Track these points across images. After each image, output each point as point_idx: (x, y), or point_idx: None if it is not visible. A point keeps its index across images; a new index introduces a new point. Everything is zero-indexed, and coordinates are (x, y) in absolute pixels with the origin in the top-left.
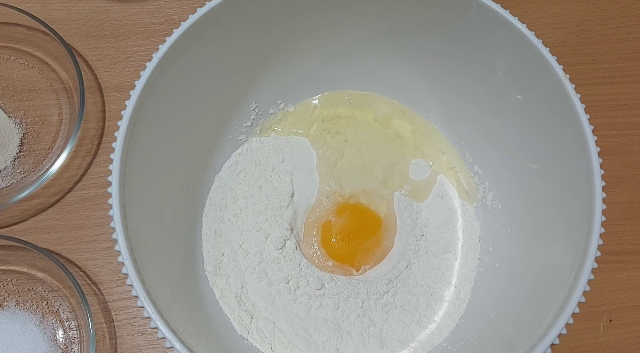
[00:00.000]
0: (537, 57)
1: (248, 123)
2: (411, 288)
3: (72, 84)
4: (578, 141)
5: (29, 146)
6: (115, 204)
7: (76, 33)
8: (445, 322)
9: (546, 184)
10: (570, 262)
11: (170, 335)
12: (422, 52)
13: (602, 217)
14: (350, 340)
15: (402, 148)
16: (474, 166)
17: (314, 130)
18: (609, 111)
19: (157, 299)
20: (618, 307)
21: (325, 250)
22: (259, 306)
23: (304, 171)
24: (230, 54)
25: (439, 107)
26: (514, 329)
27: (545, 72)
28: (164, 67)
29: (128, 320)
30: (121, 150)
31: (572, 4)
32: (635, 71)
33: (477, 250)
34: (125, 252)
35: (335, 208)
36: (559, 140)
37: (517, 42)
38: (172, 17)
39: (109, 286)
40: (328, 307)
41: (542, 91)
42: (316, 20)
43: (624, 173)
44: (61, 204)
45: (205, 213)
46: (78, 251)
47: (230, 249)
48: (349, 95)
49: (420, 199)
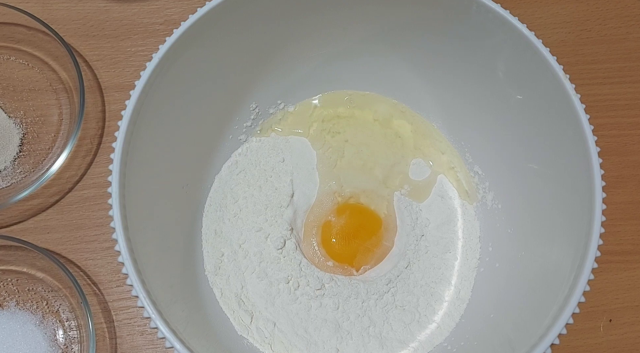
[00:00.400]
0: (537, 57)
1: (248, 123)
2: (411, 288)
3: (72, 84)
4: (578, 141)
5: (29, 146)
6: (115, 205)
7: (76, 33)
8: (445, 322)
9: (546, 184)
10: (570, 262)
11: (170, 335)
12: (422, 52)
13: (602, 217)
14: (350, 340)
15: (402, 148)
16: (474, 166)
17: (314, 130)
18: (609, 111)
19: (157, 299)
20: (618, 307)
21: (325, 250)
22: (259, 306)
23: (304, 171)
24: (230, 54)
25: (439, 107)
26: (514, 329)
27: (545, 72)
28: (164, 67)
29: (128, 320)
30: (121, 150)
31: (572, 4)
32: (635, 71)
33: (477, 250)
34: (125, 252)
35: (335, 208)
36: (559, 140)
37: (517, 42)
38: (172, 17)
39: (109, 286)
40: (328, 307)
41: (542, 91)
42: (316, 20)
43: (624, 173)
44: (61, 205)
45: (205, 213)
46: (78, 251)
47: (230, 249)
48: (349, 95)
49: (420, 199)
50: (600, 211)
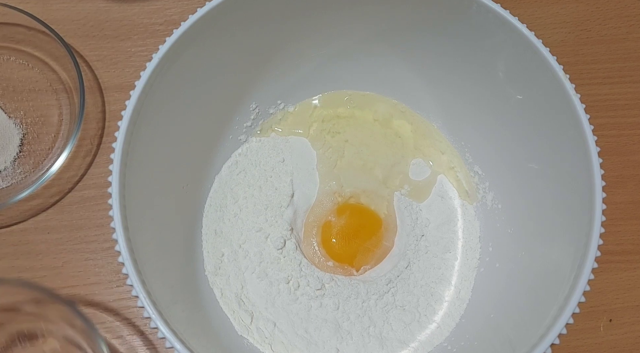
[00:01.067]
0: (537, 57)
1: (248, 123)
2: (411, 288)
3: (72, 85)
4: (578, 140)
5: (29, 146)
6: (116, 205)
7: (76, 33)
8: (446, 322)
9: (546, 184)
10: (571, 262)
11: (171, 336)
12: (422, 52)
13: (602, 217)
14: (350, 340)
15: (402, 148)
16: (474, 166)
17: (314, 130)
18: (609, 111)
19: (157, 299)
20: (618, 307)
21: (325, 250)
22: (259, 306)
23: (304, 171)
24: (230, 54)
25: (439, 107)
26: (514, 329)
27: (545, 72)
28: (164, 68)
29: (128, 320)
30: (121, 150)
31: (572, 4)
32: (635, 70)
33: (477, 250)
34: (125, 252)
35: (335, 208)
36: (559, 140)
37: (517, 42)
38: (172, 18)
39: (109, 286)
40: (328, 307)
41: (542, 91)
42: (316, 20)
43: (624, 173)
44: (61, 205)
45: (206, 213)
46: (78, 251)
47: (230, 249)
48: (349, 95)
49: (420, 199)
50: (601, 211)
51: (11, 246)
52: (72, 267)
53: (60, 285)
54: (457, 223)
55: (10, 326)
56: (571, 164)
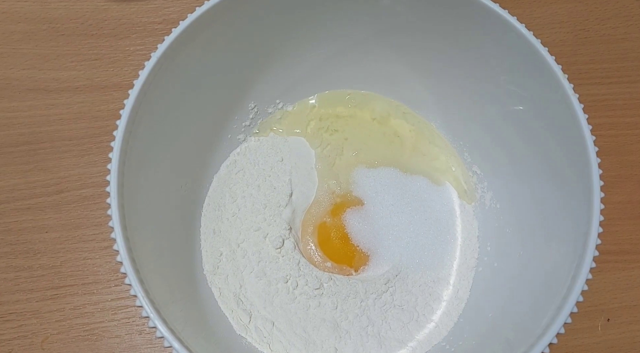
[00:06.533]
0: (535, 57)
1: (247, 123)
2: (409, 287)
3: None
4: (576, 140)
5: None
6: (114, 204)
7: (75, 32)
8: (444, 322)
9: (544, 183)
10: (569, 262)
11: (169, 335)
12: (421, 51)
13: (600, 217)
14: (348, 340)
15: (400, 147)
16: (472, 165)
17: (312, 129)
18: (607, 111)
19: (156, 298)
20: (616, 307)
21: (324, 249)
22: (257, 305)
23: (302, 170)
24: (229, 53)
25: (438, 107)
26: (513, 328)
27: (544, 72)
28: (162, 67)
29: (126, 319)
30: (120, 149)
31: (570, 4)
32: (633, 70)
33: (475, 250)
34: (123, 251)
35: (333, 208)
36: (557, 140)
37: (516, 41)
38: (171, 17)
39: (108, 285)
40: (326, 307)
41: (540, 90)
42: (316, 20)
43: (622, 173)
44: (59, 204)
45: (204, 213)
46: (76, 250)
47: (228, 248)
48: (348, 94)
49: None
50: (599, 210)
51: (9, 246)
52: (70, 266)
53: (58, 284)
54: (455, 223)
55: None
56: (569, 164)
